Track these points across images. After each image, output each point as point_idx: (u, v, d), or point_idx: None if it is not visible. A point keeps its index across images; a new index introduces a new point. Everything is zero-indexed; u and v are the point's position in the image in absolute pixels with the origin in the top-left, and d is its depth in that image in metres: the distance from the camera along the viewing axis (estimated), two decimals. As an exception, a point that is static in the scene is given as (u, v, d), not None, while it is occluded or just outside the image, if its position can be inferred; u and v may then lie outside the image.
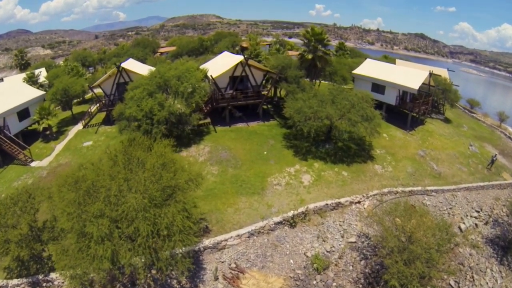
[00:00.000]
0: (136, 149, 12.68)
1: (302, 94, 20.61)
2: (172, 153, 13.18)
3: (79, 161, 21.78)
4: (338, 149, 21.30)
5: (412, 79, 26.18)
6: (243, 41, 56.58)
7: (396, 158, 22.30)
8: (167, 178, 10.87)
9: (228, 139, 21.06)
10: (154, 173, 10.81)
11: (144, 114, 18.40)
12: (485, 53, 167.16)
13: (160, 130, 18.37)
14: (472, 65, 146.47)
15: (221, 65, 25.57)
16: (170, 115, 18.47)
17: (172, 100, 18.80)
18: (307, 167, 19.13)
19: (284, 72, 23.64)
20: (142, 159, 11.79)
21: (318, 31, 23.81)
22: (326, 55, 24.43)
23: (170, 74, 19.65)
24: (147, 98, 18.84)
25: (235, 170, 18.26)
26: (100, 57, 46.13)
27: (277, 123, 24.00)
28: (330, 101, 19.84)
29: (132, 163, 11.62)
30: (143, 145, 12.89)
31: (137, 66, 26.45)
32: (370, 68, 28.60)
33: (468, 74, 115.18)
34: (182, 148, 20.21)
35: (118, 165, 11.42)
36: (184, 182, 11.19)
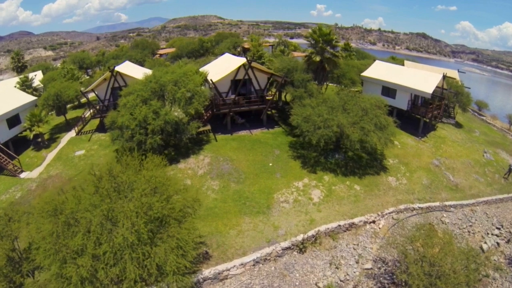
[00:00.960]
0: (124, 169, 10.85)
1: (310, 100, 18.66)
2: (165, 172, 11.33)
3: (70, 172, 20.07)
4: (348, 159, 19.39)
5: (425, 83, 24.17)
6: (245, 42, 54.53)
7: (410, 169, 20.49)
8: (158, 207, 9.02)
9: (230, 148, 19.17)
10: (143, 203, 8.96)
11: (137, 123, 16.53)
12: (487, 52, 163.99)
13: (155, 140, 16.52)
14: (474, 64, 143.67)
15: (222, 68, 23.66)
16: (166, 124, 16.60)
17: (169, 107, 16.91)
18: (316, 180, 17.23)
19: (290, 75, 21.68)
20: (130, 183, 9.95)
21: (326, 31, 21.82)
22: (334, 57, 22.46)
23: (166, 79, 17.76)
24: (140, 106, 16.96)
25: (237, 185, 16.37)
26: (98, 59, 44.30)
27: (282, 131, 22.06)
28: (341, 107, 17.89)
29: (118, 188, 9.79)
30: (133, 163, 11.02)
31: (133, 70, 24.57)
32: (379, 70, 26.57)
33: (471, 73, 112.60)
34: (179, 159, 18.36)
35: (101, 192, 9.58)
36: (179, 211, 9.31)
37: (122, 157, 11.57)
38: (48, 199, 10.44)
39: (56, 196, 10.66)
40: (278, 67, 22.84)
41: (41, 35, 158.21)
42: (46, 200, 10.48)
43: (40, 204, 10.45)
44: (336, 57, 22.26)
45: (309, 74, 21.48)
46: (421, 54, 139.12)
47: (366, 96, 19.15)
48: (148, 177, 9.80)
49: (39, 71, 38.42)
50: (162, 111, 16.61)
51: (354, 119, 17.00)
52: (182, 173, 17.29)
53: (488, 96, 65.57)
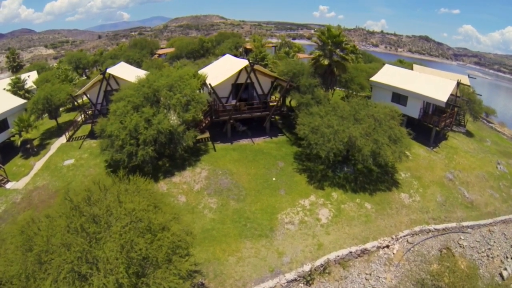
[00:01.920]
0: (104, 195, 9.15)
1: (318, 108, 16.91)
2: (152, 197, 9.63)
3: (57, 184, 18.41)
4: (358, 173, 17.69)
5: (439, 90, 22.39)
6: (247, 42, 52.63)
7: (423, 184, 18.87)
8: (141, 249, 7.32)
9: (229, 160, 17.45)
10: (122, 244, 7.26)
11: (127, 132, 14.83)
12: (489, 55, 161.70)
13: (147, 152, 14.82)
14: (476, 68, 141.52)
15: (222, 71, 21.90)
16: (159, 134, 14.89)
17: (162, 115, 15.20)
18: (324, 198, 15.53)
19: (296, 80, 19.85)
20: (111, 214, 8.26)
21: (335, 33, 19.96)
22: (344, 60, 20.61)
23: (160, 83, 16.02)
24: (131, 113, 15.25)
25: (238, 204, 14.67)
26: (95, 59, 42.52)
27: (287, 140, 20.30)
28: (352, 117, 16.15)
29: (96, 222, 8.10)
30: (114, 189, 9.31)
31: (128, 72, 22.80)
32: (390, 75, 24.78)
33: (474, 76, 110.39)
34: (174, 171, 16.65)
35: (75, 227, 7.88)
36: (165, 255, 7.59)
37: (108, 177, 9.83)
38: (17, 230, 8.76)
39: (28, 226, 8.96)
40: (283, 71, 21.01)
41: (43, 33, 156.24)
42: (16, 230, 8.82)
43: (13, 231, 8.82)
44: (345, 60, 20.42)
45: (316, 79, 19.67)
46: (423, 56, 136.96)
47: (379, 104, 17.40)
48: (129, 209, 8.08)
49: (34, 72, 36.74)
50: (155, 120, 14.90)
51: (367, 131, 15.27)
52: (176, 188, 15.60)
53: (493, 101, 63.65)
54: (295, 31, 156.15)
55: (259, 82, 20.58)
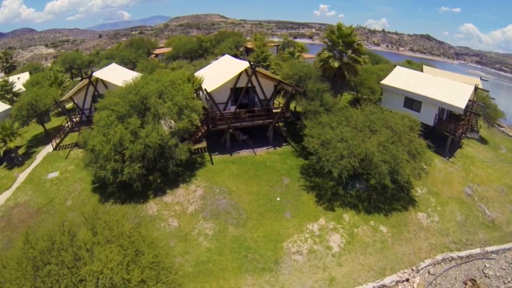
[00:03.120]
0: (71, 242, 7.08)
1: (329, 117, 14.70)
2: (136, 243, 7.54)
3: (39, 200, 16.34)
4: (371, 190, 15.57)
5: (456, 95, 20.12)
6: (248, 41, 50.10)
7: (441, 200, 16.87)
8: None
9: (228, 175, 15.31)
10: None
11: (111, 147, 12.70)
12: (490, 54, 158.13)
13: (133, 169, 12.71)
14: (478, 67, 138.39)
15: (220, 73, 19.65)
16: (147, 149, 12.76)
17: (151, 126, 13.04)
18: (335, 221, 13.42)
19: (303, 84, 17.59)
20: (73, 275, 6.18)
21: (346, 31, 17.59)
22: (356, 62, 18.23)
23: (148, 90, 13.82)
24: (116, 125, 13.11)
25: (237, 229, 12.56)
26: (89, 59, 40.23)
27: (292, 150, 18.10)
28: (367, 129, 13.96)
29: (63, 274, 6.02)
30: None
31: (118, 74, 20.57)
32: (402, 78, 22.48)
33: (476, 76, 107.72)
34: (166, 189, 14.55)
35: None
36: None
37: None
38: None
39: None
40: (288, 74, 18.69)
41: (43, 32, 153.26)
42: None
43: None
44: (357, 62, 18.07)
45: (325, 83, 17.39)
46: (424, 55, 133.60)
47: (396, 113, 15.16)
48: (105, 261, 5.98)
49: (26, 73, 34.55)
50: (142, 132, 12.74)
51: (385, 145, 13.11)
52: (168, 209, 13.51)
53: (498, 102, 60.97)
54: (296, 30, 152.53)
55: (261, 86, 18.24)
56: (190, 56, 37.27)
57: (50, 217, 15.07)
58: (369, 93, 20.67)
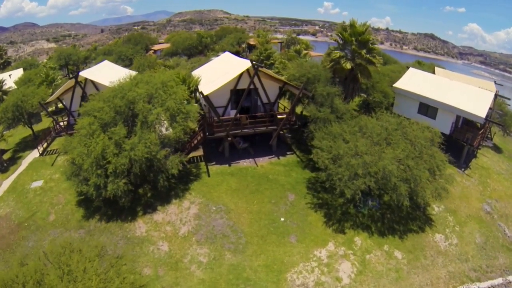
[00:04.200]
0: None
1: (340, 126, 12.76)
2: None
3: (20, 213, 14.65)
4: (385, 208, 13.79)
5: (476, 103, 18.06)
6: (251, 38, 47.71)
7: (459, 219, 15.24)
8: None
9: (226, 190, 13.49)
10: None
11: (93, 160, 10.91)
12: (494, 55, 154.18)
13: (118, 186, 10.93)
14: (482, 67, 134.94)
15: (219, 73, 17.66)
16: (133, 163, 10.96)
17: (137, 137, 11.19)
18: (345, 246, 11.65)
19: (311, 87, 15.60)
20: None
21: (360, 29, 15.39)
22: (370, 63, 16.15)
23: (136, 93, 11.90)
24: (98, 134, 11.28)
25: (235, 256, 10.81)
26: (86, 55, 38.17)
27: (297, 160, 16.19)
28: (384, 141, 12.06)
29: None
30: None
31: (109, 73, 18.55)
32: (416, 81, 20.39)
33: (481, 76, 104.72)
34: (157, 205, 12.80)
35: None
36: None
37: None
38: None
39: None
40: (294, 74, 16.62)
41: (46, 27, 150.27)
42: None
43: None
44: (371, 64, 16.03)
45: (336, 87, 15.40)
46: (428, 54, 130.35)
47: (416, 125, 13.18)
48: None
49: (20, 69, 32.56)
50: (127, 144, 10.91)
51: (405, 162, 11.23)
52: (158, 230, 11.78)
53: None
54: (299, 27, 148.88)
55: (264, 88, 16.19)
56: (189, 52, 35.11)
57: (31, 234, 13.49)
58: (382, 97, 18.61)
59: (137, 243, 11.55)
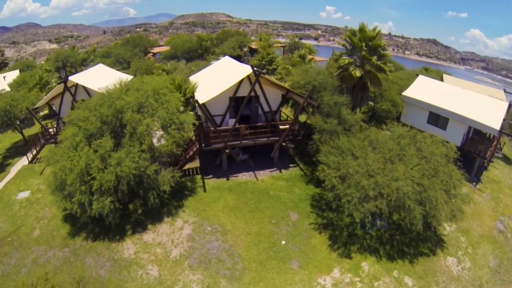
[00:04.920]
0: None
1: (349, 140, 11.65)
2: None
3: (5, 227, 13.55)
4: (394, 228, 12.68)
5: (489, 113, 16.99)
6: (252, 41, 46.79)
7: (472, 240, 14.20)
8: None
9: (223, 208, 12.37)
10: None
11: (76, 176, 9.86)
12: (497, 60, 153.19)
13: (103, 205, 9.87)
14: (484, 73, 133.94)
15: (218, 79, 16.66)
16: (119, 180, 9.90)
17: (125, 151, 10.15)
18: (352, 272, 10.52)
19: (317, 96, 14.47)
20: None
21: (370, 34, 14.16)
22: (380, 71, 14.71)
23: (125, 101, 10.84)
24: (82, 147, 10.24)
25: (231, 285, 9.67)
26: (84, 57, 37.30)
27: (301, 174, 15.05)
28: (397, 158, 10.97)
29: None
30: None
31: (102, 78, 17.55)
32: (426, 89, 19.35)
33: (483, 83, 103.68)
34: (147, 223, 11.71)
35: None
36: None
37: None
38: None
39: None
40: (299, 82, 15.50)
41: (48, 27, 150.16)
42: None
43: None
44: (382, 71, 14.82)
45: (344, 96, 14.23)
46: (431, 60, 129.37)
47: (430, 139, 12.08)
48: None
49: (16, 71, 31.70)
50: (112, 159, 9.85)
51: (421, 182, 10.14)
52: (148, 252, 10.68)
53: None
54: (301, 31, 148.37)
55: (265, 96, 15.08)
56: (189, 56, 34.15)
57: (14, 251, 12.46)
58: (390, 106, 17.51)
59: (124, 266, 10.46)
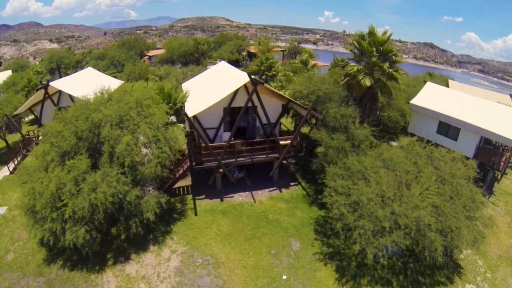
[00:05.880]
0: None
1: (359, 160, 10.10)
2: None
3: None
4: (407, 255, 11.18)
5: (503, 123, 15.59)
6: (251, 45, 45.25)
7: (490, 262, 12.84)
8: None
9: (216, 235, 10.78)
10: None
11: (47, 201, 8.30)
12: (492, 63, 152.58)
13: (78, 235, 8.31)
14: (480, 75, 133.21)
15: (211, 87, 15.09)
16: (94, 208, 8.34)
17: (100, 174, 8.60)
18: (364, 315, 9.01)
19: (322, 107, 12.86)
20: None
21: (381, 38, 12.39)
22: (391, 79, 12.98)
23: (102, 115, 9.25)
24: (54, 167, 8.67)
25: (222, 335, 8.17)
26: (78, 59, 35.61)
27: (302, 194, 13.48)
28: (414, 179, 9.46)
29: None
30: None
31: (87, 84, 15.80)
32: (435, 97, 17.91)
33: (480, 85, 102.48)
34: (131, 252, 10.13)
35: None
36: None
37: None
38: None
39: None
40: (301, 91, 13.93)
41: (50, 27, 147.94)
42: None
43: None
44: (394, 79, 13.13)
45: (352, 107, 12.55)
46: (428, 63, 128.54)
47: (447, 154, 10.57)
48: None
49: (8, 72, 30.01)
50: (86, 184, 8.29)
51: (443, 210, 8.66)
52: (130, 287, 9.11)
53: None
54: (300, 35, 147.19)
55: (263, 107, 13.28)
56: (185, 60, 32.50)
57: (-16, 277, 10.86)
58: (399, 116, 15.98)
59: (101, 305, 8.92)
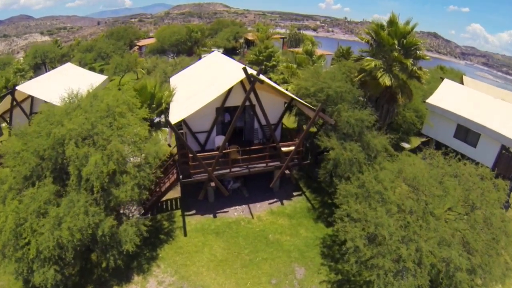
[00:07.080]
0: None
1: (376, 175, 8.46)
2: None
3: None
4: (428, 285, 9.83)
5: None
6: (249, 32, 42.38)
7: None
8: None
9: (208, 261, 9.38)
10: None
11: (8, 238, 6.81)
12: (497, 56, 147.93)
13: (47, 277, 6.88)
14: (485, 69, 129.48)
15: (202, 82, 13.23)
16: (62, 247, 6.85)
17: (66, 202, 7.06)
18: None
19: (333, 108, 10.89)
20: None
21: (405, 29, 10.16)
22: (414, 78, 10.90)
23: (65, 130, 7.45)
24: (13, 197, 7.12)
25: None
26: (64, 52, 33.23)
27: (307, 206, 12.02)
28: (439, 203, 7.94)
29: None
30: None
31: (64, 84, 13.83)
32: (453, 97, 16.02)
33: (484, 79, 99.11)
34: (113, 284, 8.78)
35: None
36: None
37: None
38: None
39: None
40: (308, 88, 11.86)
41: (41, 19, 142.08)
42: None
43: None
44: (417, 79, 10.95)
45: (368, 110, 10.39)
46: (431, 53, 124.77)
47: (475, 171, 8.94)
48: None
49: (-11, 69, 28.05)
50: (47, 220, 6.77)
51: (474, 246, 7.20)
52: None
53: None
54: (300, 21, 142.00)
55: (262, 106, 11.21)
56: (177, 49, 30.12)
57: None
58: (414, 117, 14.21)
59: None
